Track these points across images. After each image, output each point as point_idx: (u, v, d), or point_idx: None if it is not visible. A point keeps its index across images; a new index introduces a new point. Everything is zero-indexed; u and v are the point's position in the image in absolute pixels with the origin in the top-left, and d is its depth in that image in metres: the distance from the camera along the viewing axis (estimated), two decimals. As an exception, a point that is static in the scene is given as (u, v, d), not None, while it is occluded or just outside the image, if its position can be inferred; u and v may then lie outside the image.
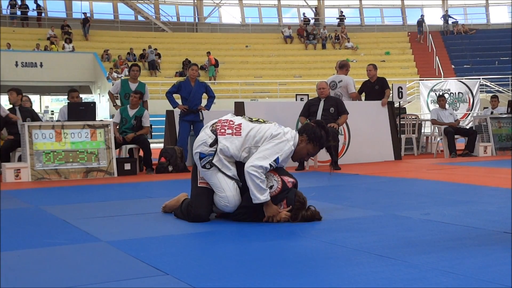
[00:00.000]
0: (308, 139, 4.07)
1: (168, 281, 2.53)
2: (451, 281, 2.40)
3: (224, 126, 4.08)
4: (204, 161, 4.00)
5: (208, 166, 3.99)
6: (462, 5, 35.22)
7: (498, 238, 3.27)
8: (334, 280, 2.50)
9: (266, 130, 4.02)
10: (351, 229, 3.68)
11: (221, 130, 4.05)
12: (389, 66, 28.03)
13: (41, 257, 3.08)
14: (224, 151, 3.98)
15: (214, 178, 4.00)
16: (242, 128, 4.04)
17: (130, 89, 9.06)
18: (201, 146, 4.03)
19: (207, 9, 33.52)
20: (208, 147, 4.01)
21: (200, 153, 4.02)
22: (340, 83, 9.85)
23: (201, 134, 4.12)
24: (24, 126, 7.70)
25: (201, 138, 4.08)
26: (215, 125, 4.11)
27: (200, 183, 4.08)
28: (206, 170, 4.01)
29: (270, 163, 3.89)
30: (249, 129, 4.03)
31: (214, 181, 4.00)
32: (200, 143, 4.05)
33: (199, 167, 4.06)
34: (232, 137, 4.01)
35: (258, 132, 4.01)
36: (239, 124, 4.08)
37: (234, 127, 4.06)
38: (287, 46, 30.37)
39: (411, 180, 6.73)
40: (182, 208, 4.17)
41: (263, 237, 3.50)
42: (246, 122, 4.11)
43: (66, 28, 27.55)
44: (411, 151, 11.43)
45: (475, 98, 20.33)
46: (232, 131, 4.03)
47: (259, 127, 4.05)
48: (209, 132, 4.07)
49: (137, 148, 8.84)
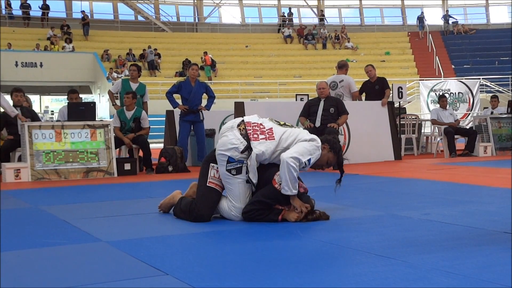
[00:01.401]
0: (330, 148, 4.17)
1: (168, 281, 2.53)
2: (451, 281, 2.40)
3: (256, 131, 4.03)
4: (231, 166, 3.95)
5: (234, 172, 3.96)
6: (462, 5, 35.23)
7: (498, 238, 3.27)
8: (334, 280, 2.50)
9: (298, 134, 4.06)
10: (351, 229, 3.68)
11: (254, 135, 4.00)
12: (389, 66, 28.03)
13: (41, 257, 3.08)
14: (260, 156, 3.96)
15: (235, 186, 3.98)
16: (275, 132, 4.04)
17: (131, 89, 9.07)
18: (232, 151, 3.95)
19: (207, 9, 33.53)
20: (239, 153, 3.95)
21: (229, 157, 3.95)
22: (342, 83, 9.86)
23: (230, 136, 4.01)
24: (24, 126, 7.69)
25: (232, 142, 3.98)
26: (244, 128, 4.03)
27: (209, 183, 4.04)
28: (231, 176, 3.97)
29: (305, 161, 3.93)
30: (281, 133, 4.04)
31: (234, 189, 3.98)
32: (231, 147, 3.96)
33: (221, 169, 3.99)
34: (266, 141, 3.99)
35: (291, 135, 4.04)
36: (270, 129, 4.07)
37: (266, 132, 4.04)
38: (287, 46, 30.38)
39: (411, 180, 6.73)
40: (182, 207, 4.14)
41: (263, 237, 3.50)
42: (276, 126, 4.11)
43: (66, 28, 27.55)
44: (411, 151, 11.43)
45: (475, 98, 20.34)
46: (265, 136, 4.01)
47: (291, 131, 4.09)
48: (239, 135, 3.99)
49: (136, 148, 8.84)
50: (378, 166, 8.71)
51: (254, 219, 3.94)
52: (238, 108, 8.90)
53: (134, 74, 9.29)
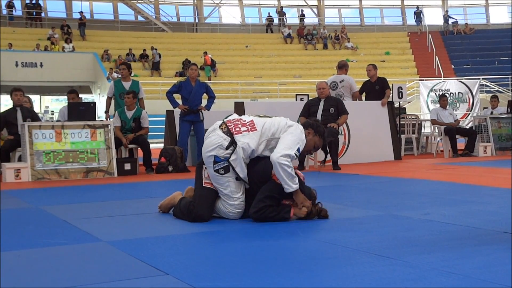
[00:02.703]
0: (315, 132, 4.18)
1: (168, 281, 2.53)
2: (451, 281, 2.40)
3: (237, 125, 4.05)
4: (218, 166, 3.96)
5: (221, 171, 3.95)
6: (462, 5, 35.24)
7: (498, 238, 3.27)
8: (334, 280, 2.50)
9: (279, 122, 4.09)
10: (351, 229, 3.68)
11: (236, 129, 4.01)
12: (389, 66, 28.03)
13: (41, 257, 3.08)
14: (245, 148, 3.96)
15: (226, 185, 3.98)
16: (256, 123, 4.06)
17: (124, 88, 9.08)
18: (216, 149, 3.96)
19: (207, 9, 33.54)
20: (224, 150, 3.96)
21: (215, 156, 3.96)
22: (342, 83, 9.87)
23: (212, 137, 4.03)
24: (24, 126, 7.70)
25: (215, 141, 3.99)
26: (225, 126, 4.05)
27: (205, 183, 4.05)
28: (219, 175, 3.97)
29: (295, 152, 3.93)
30: (263, 123, 4.07)
31: (226, 189, 3.98)
32: (215, 146, 3.97)
33: (210, 170, 4.01)
34: (248, 133, 4.00)
35: (272, 124, 4.06)
36: (251, 121, 4.09)
37: (248, 124, 4.06)
38: (287, 46, 30.38)
39: (411, 180, 6.73)
40: (181, 207, 4.14)
41: (263, 237, 3.50)
42: (256, 118, 4.13)
43: (66, 28, 27.56)
44: (411, 151, 11.43)
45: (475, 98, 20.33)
46: (246, 127, 4.03)
47: (272, 120, 4.11)
48: (222, 133, 4.00)
49: (136, 148, 8.84)
50: (378, 166, 8.71)
51: (266, 218, 3.89)
52: (238, 108, 8.89)
53: (124, 72, 9.30)
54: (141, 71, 25.91)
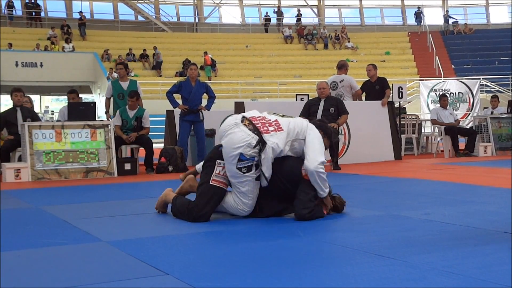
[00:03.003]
0: (324, 133, 4.23)
1: (168, 281, 2.53)
2: (451, 281, 2.40)
3: (264, 124, 3.98)
4: (242, 164, 3.87)
5: (244, 170, 3.88)
6: (462, 5, 35.24)
7: (498, 238, 3.27)
8: (334, 280, 2.50)
9: (301, 123, 4.10)
10: (351, 229, 3.68)
11: (264, 128, 3.94)
12: (389, 66, 28.03)
13: (41, 257, 3.08)
14: (275, 149, 3.93)
15: (245, 184, 3.92)
16: (281, 124, 4.04)
17: (122, 88, 9.10)
18: (244, 147, 3.85)
19: (207, 9, 33.55)
20: (252, 148, 3.86)
21: (241, 154, 3.85)
22: (342, 83, 9.87)
23: (238, 133, 3.89)
24: (24, 126, 7.70)
25: (242, 138, 3.86)
26: (249, 123, 3.94)
27: (213, 181, 3.96)
28: (241, 173, 3.89)
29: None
30: (287, 123, 4.05)
31: (244, 187, 3.92)
32: (243, 144, 3.85)
33: (231, 167, 3.89)
34: (276, 133, 3.97)
35: (296, 125, 4.07)
36: (275, 120, 4.05)
37: (273, 123, 4.02)
38: (287, 46, 30.38)
39: (411, 180, 6.72)
40: (178, 207, 4.07)
41: (263, 237, 3.50)
42: (279, 117, 4.11)
43: (66, 28, 27.56)
44: (411, 151, 11.43)
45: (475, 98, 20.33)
46: (273, 127, 3.99)
47: (294, 121, 4.11)
48: (248, 130, 3.89)
49: (137, 148, 8.84)
50: (378, 166, 8.71)
51: (313, 217, 3.93)
52: (238, 108, 8.89)
53: (121, 72, 9.32)
54: (141, 71, 25.92)
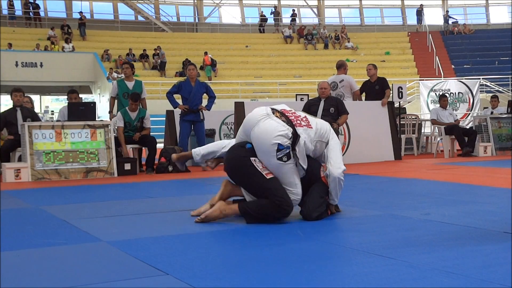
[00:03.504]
0: None
1: (168, 281, 2.53)
2: (451, 281, 2.40)
3: (297, 117, 3.90)
4: (281, 153, 3.76)
5: (285, 159, 3.77)
6: (462, 5, 35.24)
7: (498, 238, 3.27)
8: (334, 280, 2.50)
9: (325, 124, 4.07)
10: (351, 229, 3.68)
11: (297, 121, 3.87)
12: (389, 66, 28.03)
13: (41, 257, 3.08)
14: (306, 143, 3.87)
15: (289, 173, 3.82)
16: (310, 121, 3.97)
17: (128, 88, 9.08)
18: (281, 137, 3.75)
19: (207, 9, 33.55)
20: (287, 139, 3.77)
21: (279, 144, 3.75)
22: (342, 83, 9.87)
23: (272, 123, 3.78)
24: (24, 126, 7.70)
25: (278, 128, 3.76)
26: (280, 115, 3.86)
27: (267, 174, 3.81)
28: (282, 163, 3.78)
29: None
30: (315, 122, 4.00)
31: (288, 176, 3.83)
32: (278, 134, 3.75)
33: (272, 160, 3.78)
34: (307, 129, 3.90)
35: (322, 125, 4.02)
36: (305, 117, 3.97)
37: (304, 119, 3.94)
38: (287, 46, 30.38)
39: (411, 180, 6.73)
40: (259, 210, 3.81)
41: (263, 237, 3.50)
42: (309, 116, 4.04)
43: (66, 28, 27.57)
44: (411, 151, 11.43)
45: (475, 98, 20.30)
46: (305, 123, 3.91)
47: (320, 121, 4.08)
48: (281, 121, 3.80)
49: (137, 149, 8.84)
50: (378, 166, 8.71)
51: (320, 218, 3.93)
52: (238, 108, 8.90)
53: (128, 72, 9.28)
54: (141, 71, 25.92)
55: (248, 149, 3.91)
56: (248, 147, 3.92)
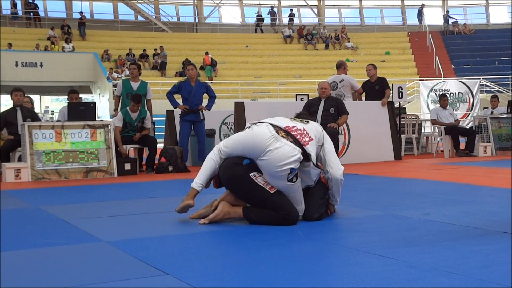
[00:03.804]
0: None
1: (168, 281, 2.53)
2: (451, 281, 2.40)
3: (301, 134, 3.91)
4: (292, 175, 3.80)
5: (294, 179, 3.82)
6: (462, 5, 35.25)
7: (498, 238, 3.27)
8: (334, 280, 2.50)
9: (316, 127, 4.09)
10: (351, 229, 3.68)
11: (304, 140, 3.88)
12: (389, 66, 28.03)
13: (41, 257, 3.08)
14: (313, 159, 3.90)
15: (296, 191, 3.87)
16: (308, 131, 3.97)
17: (132, 89, 9.06)
18: (294, 162, 3.77)
19: (207, 9, 33.56)
20: (299, 162, 3.82)
21: (291, 169, 3.77)
22: (342, 83, 9.88)
23: (285, 148, 3.77)
24: (24, 126, 7.70)
25: (290, 154, 3.75)
26: (285, 134, 3.86)
27: (271, 189, 3.82)
28: (291, 184, 3.82)
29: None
30: (312, 131, 4.01)
31: (295, 195, 3.87)
32: (294, 159, 3.76)
33: (282, 182, 3.79)
34: (311, 142, 3.92)
35: (316, 130, 4.05)
36: (304, 129, 3.97)
37: (304, 134, 3.94)
38: (287, 46, 30.38)
39: (411, 180, 6.72)
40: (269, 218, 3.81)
41: (263, 237, 3.50)
42: (304, 125, 4.03)
43: (66, 28, 27.57)
44: (411, 151, 11.43)
45: (475, 98, 20.31)
46: (308, 138, 3.93)
47: (313, 126, 4.08)
48: (291, 143, 3.80)
49: (137, 149, 8.84)
50: (378, 166, 8.71)
51: (320, 219, 3.97)
52: (238, 108, 8.90)
53: (134, 72, 9.26)
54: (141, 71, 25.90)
55: (245, 165, 3.89)
56: (245, 163, 3.89)
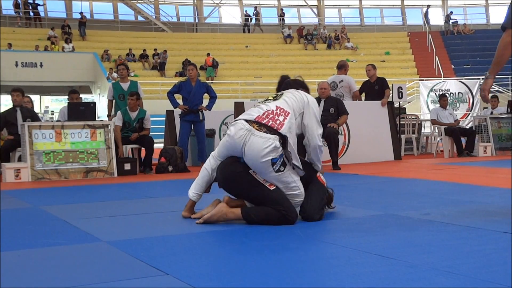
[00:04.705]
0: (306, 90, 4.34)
1: (168, 281, 2.53)
2: (451, 281, 2.40)
3: (274, 118, 3.85)
4: (277, 166, 3.76)
5: (282, 168, 3.79)
6: (462, 5, 35.25)
7: (498, 238, 3.27)
8: (334, 280, 2.50)
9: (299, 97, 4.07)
10: (351, 229, 3.68)
11: (277, 123, 3.83)
12: (389, 66, 28.04)
13: (41, 257, 3.08)
14: (293, 135, 3.87)
15: (289, 177, 3.84)
16: (284, 107, 3.93)
17: (123, 89, 9.11)
18: (270, 153, 3.73)
19: (207, 9, 33.57)
20: (277, 148, 3.75)
21: (272, 159, 3.74)
22: (341, 83, 9.88)
23: (258, 142, 3.73)
24: (24, 126, 7.70)
25: (265, 145, 3.72)
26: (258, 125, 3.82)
27: (270, 186, 3.83)
28: (281, 173, 3.80)
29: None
30: (287, 104, 3.96)
31: (289, 181, 3.85)
32: (267, 150, 3.72)
33: (270, 174, 3.78)
34: (287, 119, 3.87)
35: (294, 99, 4.02)
36: (277, 107, 3.93)
37: (279, 112, 3.90)
38: (287, 46, 30.38)
39: (411, 180, 6.72)
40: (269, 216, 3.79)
41: (263, 237, 3.50)
42: (277, 102, 3.99)
43: (66, 28, 27.57)
44: (411, 151, 11.43)
45: (475, 98, 20.31)
46: (283, 116, 3.88)
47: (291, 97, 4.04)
48: (265, 134, 3.76)
49: (137, 149, 8.84)
50: (378, 166, 8.71)
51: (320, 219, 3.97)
52: (238, 108, 8.90)
53: (123, 73, 9.31)
54: (141, 71, 25.92)
55: (242, 163, 3.89)
56: (242, 161, 3.90)
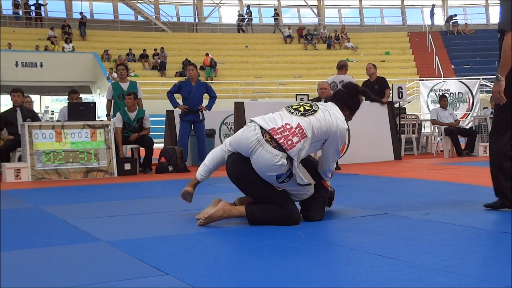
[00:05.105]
0: (351, 113, 4.23)
1: (168, 281, 2.53)
2: (451, 281, 2.40)
3: (287, 136, 3.70)
4: (281, 179, 3.75)
5: (287, 180, 3.77)
6: (462, 5, 35.25)
7: (498, 238, 3.27)
8: (334, 280, 2.50)
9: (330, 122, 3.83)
10: (351, 229, 3.68)
11: (288, 143, 3.69)
12: (389, 66, 28.04)
13: (41, 257, 3.08)
14: (301, 156, 3.77)
15: (294, 184, 3.82)
16: (305, 129, 3.75)
17: (122, 89, 9.12)
18: (277, 170, 3.69)
19: (207, 9, 33.58)
20: (284, 167, 3.71)
21: (276, 175, 3.73)
22: (342, 83, 9.86)
23: (265, 155, 3.66)
24: (24, 126, 7.70)
25: (272, 161, 3.66)
26: (269, 137, 3.72)
27: (277, 188, 3.82)
28: (286, 183, 3.79)
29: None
30: (311, 127, 3.77)
31: (296, 188, 3.85)
32: (273, 167, 3.68)
33: (275, 184, 3.78)
34: (300, 141, 3.72)
35: (320, 125, 3.80)
36: (298, 125, 3.75)
37: (297, 131, 3.73)
38: (287, 46, 30.39)
39: (411, 180, 6.72)
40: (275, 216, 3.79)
41: (263, 237, 3.50)
42: (301, 119, 3.79)
43: (66, 28, 27.57)
44: (411, 151, 11.43)
45: (475, 98, 20.32)
46: (297, 137, 3.71)
47: (317, 119, 3.81)
48: (274, 150, 3.67)
49: (137, 148, 8.84)
50: (378, 166, 8.71)
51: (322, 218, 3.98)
52: (238, 108, 8.90)
53: (123, 73, 9.34)
54: (141, 71, 25.92)
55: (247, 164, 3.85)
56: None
